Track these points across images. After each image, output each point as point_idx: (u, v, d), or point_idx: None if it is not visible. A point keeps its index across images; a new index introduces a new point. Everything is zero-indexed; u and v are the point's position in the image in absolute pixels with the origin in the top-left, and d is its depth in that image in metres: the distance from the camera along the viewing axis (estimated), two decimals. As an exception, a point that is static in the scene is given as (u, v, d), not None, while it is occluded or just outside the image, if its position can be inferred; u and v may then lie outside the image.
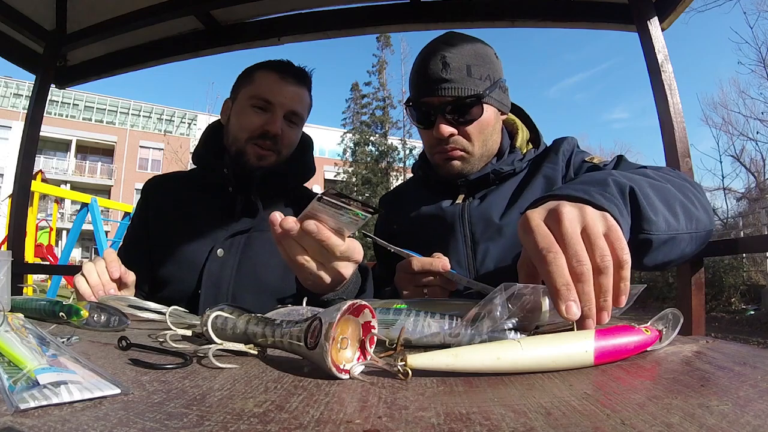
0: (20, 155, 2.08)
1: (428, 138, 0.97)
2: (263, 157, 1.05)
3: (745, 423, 0.28)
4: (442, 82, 0.89)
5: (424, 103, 0.93)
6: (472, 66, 0.90)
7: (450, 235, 0.97)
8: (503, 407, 0.31)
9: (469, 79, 0.90)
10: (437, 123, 0.92)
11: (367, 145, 21.61)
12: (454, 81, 0.89)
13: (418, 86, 0.94)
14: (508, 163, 0.98)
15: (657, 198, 0.62)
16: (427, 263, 0.77)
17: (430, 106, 0.93)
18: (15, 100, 23.43)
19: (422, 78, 0.92)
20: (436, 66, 0.90)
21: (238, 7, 1.88)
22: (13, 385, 0.33)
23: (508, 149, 1.02)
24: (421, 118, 0.95)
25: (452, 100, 0.90)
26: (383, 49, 22.10)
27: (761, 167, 14.59)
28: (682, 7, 1.51)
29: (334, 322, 0.39)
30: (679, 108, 1.47)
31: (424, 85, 0.92)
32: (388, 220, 1.14)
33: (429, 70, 0.91)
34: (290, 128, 1.09)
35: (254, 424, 0.28)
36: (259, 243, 1.05)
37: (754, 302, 8.63)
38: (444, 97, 0.90)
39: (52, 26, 2.02)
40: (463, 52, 0.91)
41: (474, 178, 0.98)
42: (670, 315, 0.51)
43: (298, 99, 1.09)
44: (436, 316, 0.52)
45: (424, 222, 1.02)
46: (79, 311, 0.65)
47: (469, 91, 0.90)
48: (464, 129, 0.93)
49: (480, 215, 0.95)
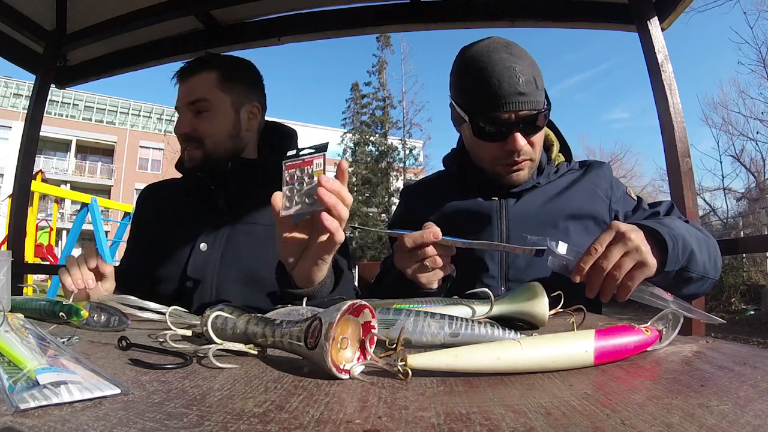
0: (20, 155, 2.08)
1: (493, 150, 0.97)
2: (191, 158, 1.07)
3: (745, 423, 0.28)
4: (519, 95, 0.89)
5: (496, 117, 0.92)
6: (536, 77, 0.92)
7: (486, 231, 0.99)
8: (503, 407, 0.31)
9: (538, 91, 0.92)
10: (513, 137, 0.92)
11: (367, 145, 21.60)
12: (528, 95, 0.90)
13: (488, 98, 0.92)
14: (545, 176, 1.04)
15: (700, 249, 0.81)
16: (418, 237, 0.78)
17: (504, 120, 0.92)
18: (15, 100, 23.42)
19: (494, 90, 0.90)
20: (510, 78, 0.89)
21: (238, 7, 1.88)
22: (13, 385, 0.33)
23: (546, 161, 1.06)
24: (489, 131, 0.95)
25: (529, 114, 0.91)
26: (383, 49, 22.09)
27: (761, 167, 14.61)
28: (682, 7, 1.51)
29: (334, 322, 0.39)
30: (679, 108, 1.47)
31: (497, 98, 0.90)
32: (409, 211, 1.15)
33: (503, 82, 0.89)
34: (200, 118, 1.06)
35: (254, 424, 0.28)
36: (242, 235, 1.06)
37: (754, 302, 8.63)
38: (521, 111, 0.90)
39: (52, 26, 2.02)
40: (527, 62, 0.92)
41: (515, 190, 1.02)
42: (670, 315, 0.51)
43: (193, 88, 1.07)
44: (436, 316, 0.52)
45: (458, 215, 1.04)
46: (79, 311, 0.65)
47: (541, 104, 0.92)
48: (530, 140, 0.96)
49: (517, 214, 1.00)
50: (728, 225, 13.44)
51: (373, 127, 21.83)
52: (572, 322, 0.51)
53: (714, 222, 14.37)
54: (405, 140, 21.51)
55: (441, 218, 1.04)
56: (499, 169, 0.99)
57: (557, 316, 0.70)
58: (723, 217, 14.55)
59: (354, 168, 21.37)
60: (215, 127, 1.06)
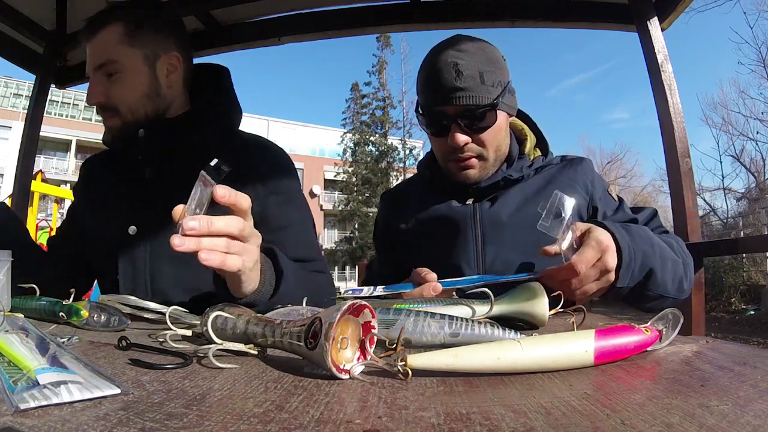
0: (20, 155, 2.08)
1: (441, 146, 0.97)
2: (110, 128, 0.95)
3: (745, 423, 0.28)
4: (455, 90, 0.89)
5: (437, 112, 0.93)
6: (484, 73, 0.90)
7: (460, 236, 0.97)
8: (503, 407, 0.31)
9: (483, 86, 0.89)
10: (452, 132, 0.91)
11: (367, 145, 21.62)
12: (468, 89, 0.89)
13: (430, 94, 0.93)
14: (517, 169, 1.00)
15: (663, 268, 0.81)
16: (418, 294, 0.76)
17: (443, 115, 0.92)
18: (15, 100, 23.42)
19: (434, 85, 0.91)
20: (448, 74, 0.89)
21: (238, 7, 1.88)
22: (13, 385, 0.33)
23: (517, 155, 1.03)
24: (433, 126, 0.95)
25: (467, 109, 0.90)
26: (383, 49, 22.12)
27: (761, 167, 14.61)
28: (682, 7, 1.51)
29: (334, 322, 0.39)
30: (679, 108, 1.47)
31: (437, 93, 0.91)
32: (389, 219, 1.14)
33: (441, 77, 0.89)
34: (111, 82, 0.92)
35: (254, 424, 0.28)
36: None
37: (754, 302, 8.63)
38: (458, 105, 0.90)
39: (52, 26, 2.02)
40: (474, 58, 0.90)
41: (485, 186, 0.99)
42: (670, 315, 0.51)
43: (98, 49, 0.92)
44: (436, 316, 0.52)
45: (432, 221, 1.02)
46: (79, 311, 0.65)
47: (484, 99, 0.89)
48: (478, 137, 0.93)
49: (491, 217, 0.97)
50: (728, 225, 13.42)
51: (373, 127, 21.85)
52: (572, 322, 0.51)
53: (714, 222, 14.37)
54: (405, 140, 21.52)
55: (416, 225, 1.05)
56: (449, 166, 0.98)
57: (557, 316, 0.70)
58: (723, 217, 14.54)
59: (354, 168, 21.38)
60: (129, 90, 0.92)
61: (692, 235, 1.37)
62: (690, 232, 1.37)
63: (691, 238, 1.37)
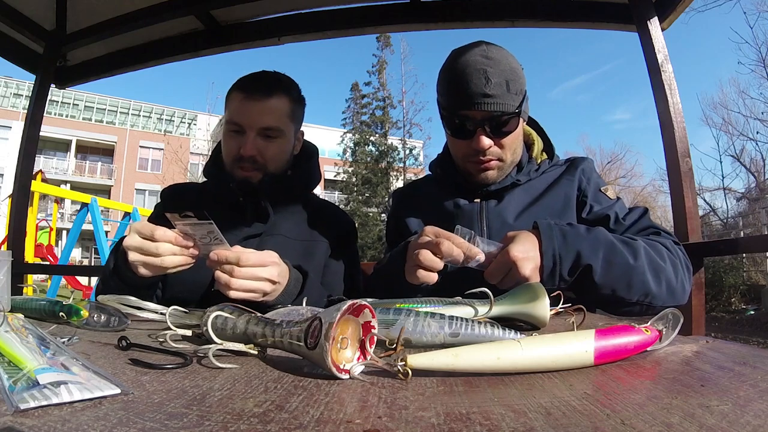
0: (20, 155, 2.08)
1: (463, 147, 1.01)
2: (248, 178, 1.07)
3: (745, 423, 0.28)
4: (484, 97, 0.92)
5: (463, 115, 0.96)
6: (510, 81, 0.93)
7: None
8: (503, 407, 0.31)
9: (508, 94, 0.93)
10: (477, 136, 0.96)
11: (367, 145, 21.59)
12: (496, 96, 0.92)
13: (458, 97, 0.96)
14: (525, 174, 1.06)
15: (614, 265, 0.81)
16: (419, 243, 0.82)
17: (470, 119, 0.96)
18: (15, 100, 23.42)
19: (463, 90, 0.94)
20: (478, 80, 0.92)
21: (238, 7, 1.88)
22: (13, 385, 0.33)
23: (527, 160, 1.08)
24: (458, 128, 0.99)
25: (493, 115, 0.94)
26: (383, 49, 22.08)
27: (761, 167, 14.60)
28: (682, 7, 1.51)
29: (334, 322, 0.39)
30: (679, 108, 1.47)
31: (465, 98, 0.94)
32: (399, 215, 1.18)
33: (471, 82, 0.92)
34: (268, 143, 1.07)
35: (254, 424, 0.28)
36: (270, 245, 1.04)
37: (754, 302, 8.63)
38: (485, 111, 0.93)
39: (52, 26, 2.02)
40: (500, 66, 0.94)
41: (495, 189, 1.04)
42: (670, 315, 0.51)
43: (268, 112, 1.06)
44: (436, 316, 0.52)
45: (441, 216, 1.06)
46: (79, 311, 0.65)
47: (509, 107, 0.94)
48: (500, 141, 0.98)
49: (497, 215, 1.03)
50: (728, 225, 13.41)
51: (373, 127, 21.82)
52: (572, 322, 0.51)
53: (714, 222, 14.37)
54: (405, 140, 21.50)
55: (425, 220, 1.09)
56: (469, 167, 1.03)
57: (557, 316, 0.70)
58: (723, 217, 14.54)
59: (354, 168, 21.37)
60: (280, 155, 1.09)
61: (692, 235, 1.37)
62: (690, 232, 1.37)
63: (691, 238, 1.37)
